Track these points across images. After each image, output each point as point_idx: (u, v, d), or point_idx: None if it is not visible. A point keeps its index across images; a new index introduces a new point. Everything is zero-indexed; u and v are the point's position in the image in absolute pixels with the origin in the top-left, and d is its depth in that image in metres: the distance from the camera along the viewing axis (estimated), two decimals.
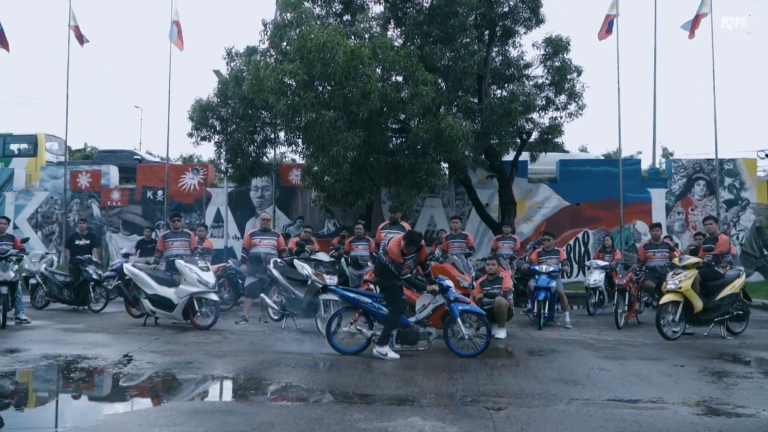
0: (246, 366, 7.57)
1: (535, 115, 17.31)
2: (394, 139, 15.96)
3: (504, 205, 17.46)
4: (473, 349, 8.25)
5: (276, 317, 10.65)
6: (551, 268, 11.23)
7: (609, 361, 8.12)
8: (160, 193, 20.43)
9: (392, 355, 8.06)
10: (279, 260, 10.72)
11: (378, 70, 14.12)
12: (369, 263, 12.67)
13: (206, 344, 8.97)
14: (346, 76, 13.08)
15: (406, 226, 11.21)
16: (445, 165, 17.04)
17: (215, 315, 10.31)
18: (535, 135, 17.83)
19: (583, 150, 31.57)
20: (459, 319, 8.21)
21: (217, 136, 16.28)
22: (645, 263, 11.59)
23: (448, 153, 14.53)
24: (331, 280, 9.74)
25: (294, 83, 13.48)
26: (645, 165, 22.10)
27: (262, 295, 10.64)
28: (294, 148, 16.43)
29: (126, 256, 14.51)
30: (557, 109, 17.40)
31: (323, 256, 10.12)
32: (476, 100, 16.07)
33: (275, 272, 10.28)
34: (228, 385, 6.98)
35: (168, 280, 10.56)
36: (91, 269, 12.61)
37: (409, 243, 8.01)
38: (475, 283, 10.27)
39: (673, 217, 19.66)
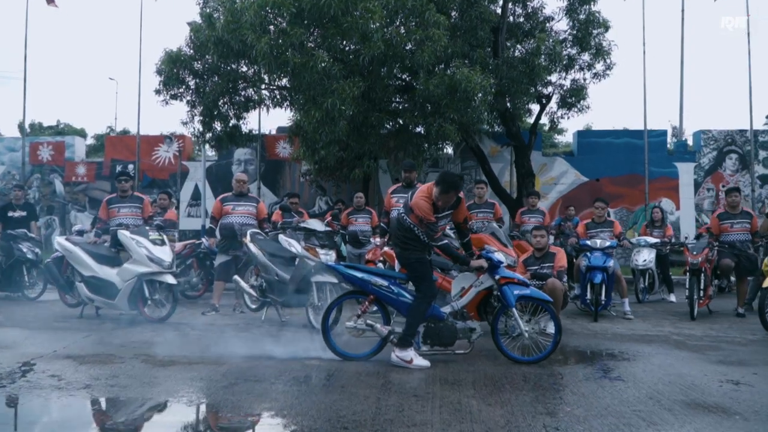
0: (201, 383, 4.73)
1: (554, 77, 14.60)
2: (397, 98, 13.10)
3: (521, 178, 14.67)
4: (535, 353, 5.47)
5: (254, 306, 7.83)
6: (607, 243, 8.46)
7: (731, 368, 5.37)
8: (131, 167, 17.40)
9: (419, 361, 5.25)
10: (258, 231, 7.89)
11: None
12: (372, 240, 9.94)
13: (153, 345, 6.10)
14: (342, 11, 10.20)
15: None
16: None
17: (172, 304, 7.46)
18: (555, 99, 15.05)
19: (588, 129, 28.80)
20: (515, 310, 5.42)
21: (189, 95, 13.31)
22: (719, 237, 8.86)
23: (463, 112, 11.75)
24: (328, 256, 6.92)
25: (279, 20, 10.57)
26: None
27: (237, 277, 7.79)
28: (280, 101, 13.46)
29: (80, 233, 11.53)
30: (581, 69, 14.66)
31: (317, 225, 7.28)
32: (490, 58, 13.31)
33: (253, 247, 7.44)
34: (159, 424, 4.12)
35: (111, 258, 7.67)
36: (25, 247, 9.68)
37: (446, 188, 5.19)
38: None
39: (702, 194, 17.01)
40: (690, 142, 17.84)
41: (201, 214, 16.75)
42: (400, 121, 12.61)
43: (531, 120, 15.94)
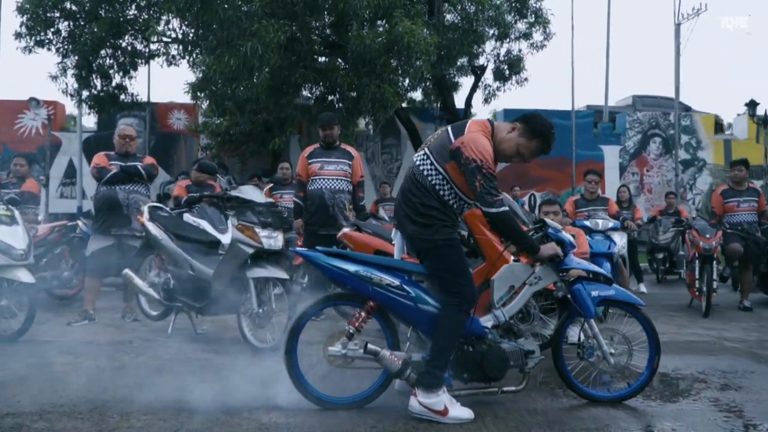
0: None
1: (488, 46, 12.91)
2: (325, 56, 10.75)
3: None
4: (622, 387, 3.44)
5: (155, 313, 5.30)
6: (610, 224, 6.63)
7: None
8: None
9: (458, 412, 3.02)
10: (159, 206, 5.36)
11: None
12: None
13: None
14: None
15: (353, 152, 6.06)
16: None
17: (28, 312, 4.77)
18: (491, 68, 13.30)
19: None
20: (593, 322, 3.36)
21: (61, 42, 10.25)
22: (722, 218, 7.31)
23: (403, 73, 9.68)
24: (272, 239, 4.54)
25: None
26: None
27: (128, 272, 5.17)
28: (177, 59, 10.73)
29: None
30: (517, 38, 13.02)
31: (254, 193, 4.81)
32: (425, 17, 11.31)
33: (153, 228, 4.93)
34: None
35: None
36: None
37: (534, 131, 3.18)
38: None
39: (627, 178, 15.91)
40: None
41: (77, 194, 13.56)
42: (328, 83, 10.29)
43: (464, 95, 14.16)
